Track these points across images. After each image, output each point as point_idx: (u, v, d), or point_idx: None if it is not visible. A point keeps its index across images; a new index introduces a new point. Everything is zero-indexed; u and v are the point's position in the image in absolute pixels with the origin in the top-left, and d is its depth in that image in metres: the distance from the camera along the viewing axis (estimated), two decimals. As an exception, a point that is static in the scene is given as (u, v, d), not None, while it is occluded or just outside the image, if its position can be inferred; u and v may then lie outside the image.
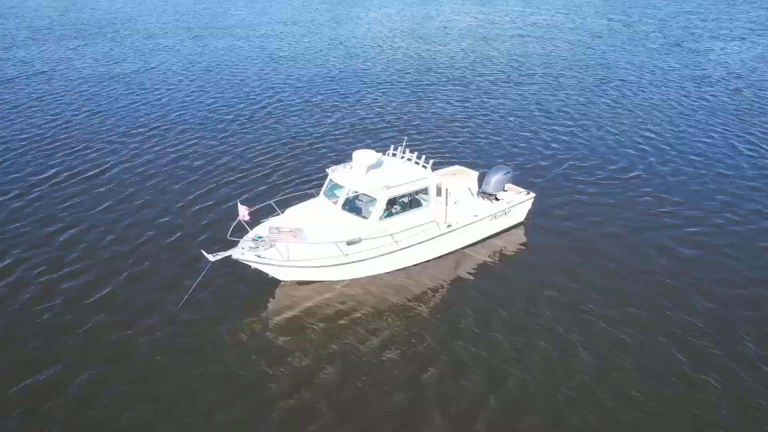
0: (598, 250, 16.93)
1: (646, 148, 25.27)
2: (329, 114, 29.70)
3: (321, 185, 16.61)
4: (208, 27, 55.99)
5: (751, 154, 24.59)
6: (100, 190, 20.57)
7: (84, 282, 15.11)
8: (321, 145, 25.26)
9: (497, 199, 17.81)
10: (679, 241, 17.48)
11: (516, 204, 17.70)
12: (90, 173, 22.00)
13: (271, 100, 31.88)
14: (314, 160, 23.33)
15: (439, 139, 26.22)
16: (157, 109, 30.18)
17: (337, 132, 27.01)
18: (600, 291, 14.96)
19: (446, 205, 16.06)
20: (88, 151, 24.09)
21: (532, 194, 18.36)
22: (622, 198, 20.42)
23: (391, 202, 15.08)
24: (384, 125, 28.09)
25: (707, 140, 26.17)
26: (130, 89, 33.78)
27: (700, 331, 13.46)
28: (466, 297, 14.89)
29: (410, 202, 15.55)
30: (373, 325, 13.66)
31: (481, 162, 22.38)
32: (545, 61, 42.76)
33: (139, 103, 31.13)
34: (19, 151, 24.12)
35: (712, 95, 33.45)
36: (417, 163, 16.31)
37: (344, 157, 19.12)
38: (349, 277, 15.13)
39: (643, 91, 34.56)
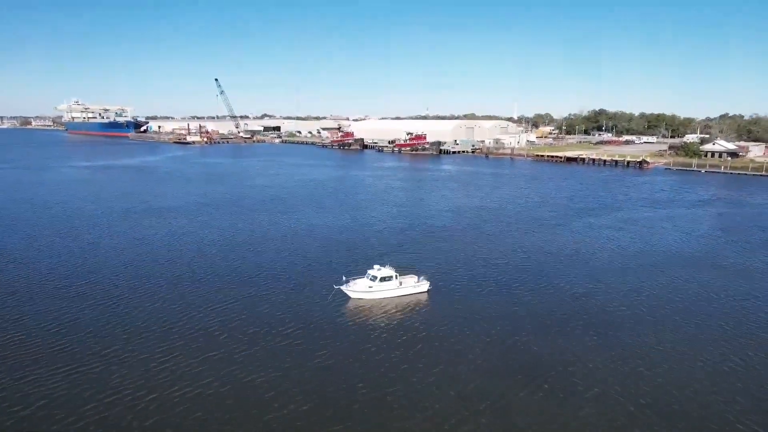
0: (465, 309, 56.38)
1: (517, 268, 65.37)
2: (365, 251, 71.81)
3: (364, 274, 57.24)
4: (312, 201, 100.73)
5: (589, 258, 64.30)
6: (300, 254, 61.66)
7: (283, 300, 55.36)
8: (363, 262, 66.72)
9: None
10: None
11: (422, 283, 58.00)
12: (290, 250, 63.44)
13: (343, 244, 74.22)
14: (362, 266, 64.35)
15: (407, 261, 67.28)
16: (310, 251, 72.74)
17: (369, 258, 68.67)
18: (452, 324, 54.29)
19: (400, 281, 56.53)
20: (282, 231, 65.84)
21: (428, 282, 58.56)
22: (496, 292, 60.05)
23: (382, 279, 55.63)
24: (382, 254, 69.47)
25: (561, 256, 66.18)
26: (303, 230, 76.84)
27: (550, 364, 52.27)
28: (408, 309, 54.15)
29: (388, 279, 56.08)
30: (375, 317, 52.72)
31: (417, 270, 62.71)
32: (471, 222, 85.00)
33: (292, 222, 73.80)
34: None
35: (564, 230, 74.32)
36: (391, 269, 57.13)
37: (370, 266, 59.52)
38: (370, 297, 55.06)
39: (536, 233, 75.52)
